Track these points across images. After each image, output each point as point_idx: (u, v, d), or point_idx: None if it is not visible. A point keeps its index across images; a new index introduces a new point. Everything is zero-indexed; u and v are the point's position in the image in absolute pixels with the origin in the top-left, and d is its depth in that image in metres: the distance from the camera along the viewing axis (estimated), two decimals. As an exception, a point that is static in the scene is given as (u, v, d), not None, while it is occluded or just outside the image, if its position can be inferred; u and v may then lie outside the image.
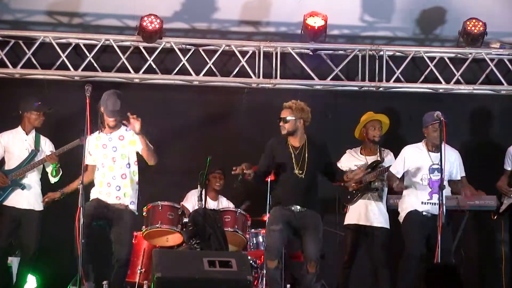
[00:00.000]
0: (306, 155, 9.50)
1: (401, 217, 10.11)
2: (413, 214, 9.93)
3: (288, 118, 9.43)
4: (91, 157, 9.45)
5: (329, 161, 9.78)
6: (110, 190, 9.40)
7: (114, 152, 9.44)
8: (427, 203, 9.90)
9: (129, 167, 9.47)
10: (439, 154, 9.53)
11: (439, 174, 9.54)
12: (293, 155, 9.50)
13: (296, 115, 9.47)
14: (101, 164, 9.44)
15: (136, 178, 9.55)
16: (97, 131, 9.44)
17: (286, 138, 9.52)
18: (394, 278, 10.21)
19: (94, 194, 9.45)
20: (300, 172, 9.45)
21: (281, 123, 9.49)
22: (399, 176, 10.07)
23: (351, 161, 10.57)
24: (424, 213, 9.90)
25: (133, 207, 9.48)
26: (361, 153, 10.61)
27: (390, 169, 10.18)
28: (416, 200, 9.93)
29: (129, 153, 9.47)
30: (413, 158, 10.04)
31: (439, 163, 9.50)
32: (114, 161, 9.42)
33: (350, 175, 9.79)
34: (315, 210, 9.53)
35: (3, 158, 10.30)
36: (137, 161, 9.47)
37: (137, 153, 9.45)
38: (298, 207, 9.46)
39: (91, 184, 9.44)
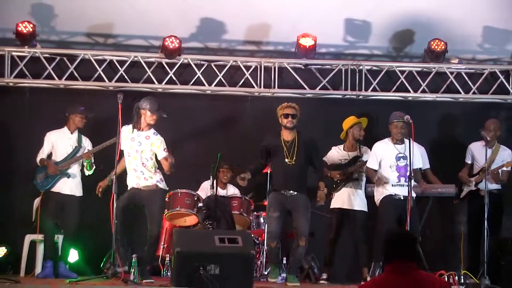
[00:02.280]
0: (296, 147, 9.53)
1: (377, 201, 10.10)
2: (387, 199, 9.94)
3: (294, 114, 9.55)
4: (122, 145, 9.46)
5: (316, 155, 9.81)
6: (139, 175, 9.40)
7: (139, 146, 9.42)
8: (397, 185, 9.92)
9: (147, 161, 9.45)
10: (402, 145, 9.92)
11: (405, 161, 9.82)
12: (285, 147, 9.53)
13: (297, 112, 9.57)
14: (127, 154, 9.43)
15: (155, 166, 9.53)
16: (131, 126, 9.41)
17: (279, 133, 9.61)
18: (371, 253, 10.19)
19: (128, 181, 9.47)
20: (290, 160, 9.50)
21: (289, 118, 9.54)
22: (376, 168, 10.05)
23: (336, 155, 10.60)
24: (396, 197, 9.89)
25: (162, 185, 9.49)
26: (344, 149, 10.61)
27: (368, 165, 10.17)
28: (389, 184, 9.92)
29: (149, 151, 9.45)
30: (382, 150, 10.09)
31: (403, 152, 9.83)
32: (137, 153, 9.42)
33: (332, 174, 10.29)
34: (304, 193, 9.60)
35: (51, 153, 10.30)
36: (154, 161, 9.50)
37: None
38: (290, 191, 9.49)
39: (125, 172, 9.46)
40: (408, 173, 9.68)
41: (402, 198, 9.82)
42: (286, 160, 9.54)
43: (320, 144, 10.28)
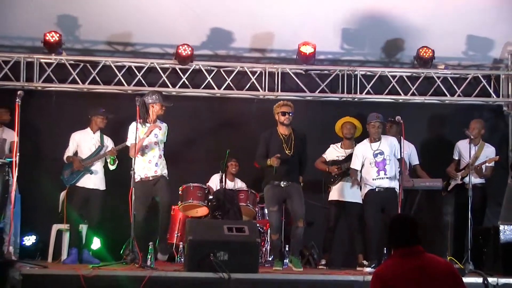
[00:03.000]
0: (293, 141, 9.55)
1: (362, 197, 10.20)
2: (368, 194, 10.04)
3: (290, 111, 9.54)
4: (133, 136, 9.44)
5: (305, 149, 9.80)
6: (151, 167, 9.45)
7: (156, 138, 9.48)
8: (377, 178, 9.99)
9: (163, 150, 9.56)
10: (378, 142, 10.08)
11: (381, 156, 10.01)
12: (283, 141, 9.53)
13: (292, 111, 9.57)
14: (144, 146, 9.44)
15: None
16: (137, 122, 9.44)
17: (276, 129, 9.63)
18: (365, 241, 10.23)
19: (139, 173, 9.45)
20: (289, 152, 9.50)
21: (286, 116, 9.54)
22: (358, 169, 10.17)
23: (334, 153, 10.65)
24: (377, 189, 9.96)
25: (165, 173, 9.59)
26: (341, 147, 10.66)
27: (351, 166, 10.25)
28: (369, 178, 10.02)
29: (163, 140, 9.59)
30: (361, 150, 10.19)
31: (379, 148, 10.03)
32: (155, 144, 9.46)
33: (331, 169, 10.37)
34: (297, 183, 9.65)
35: (76, 151, 10.34)
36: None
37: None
38: (285, 182, 9.49)
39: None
40: (387, 165, 9.93)
41: (382, 189, 9.93)
42: (286, 151, 9.54)
43: (319, 142, 10.36)
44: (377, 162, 10.04)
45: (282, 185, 9.52)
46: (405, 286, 5.11)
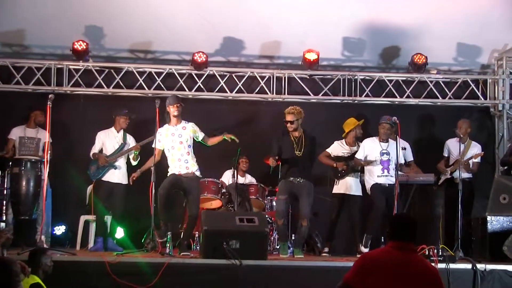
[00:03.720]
0: (303, 142, 9.53)
1: (368, 189, 10.19)
2: (376, 185, 10.03)
3: (293, 120, 9.49)
4: (160, 143, 9.46)
5: (314, 151, 9.81)
6: (181, 164, 9.39)
7: (180, 138, 9.44)
8: (381, 176, 10.02)
9: (190, 147, 9.49)
10: (386, 143, 10.05)
11: (387, 156, 9.98)
12: (294, 142, 9.53)
13: (296, 116, 9.53)
14: (171, 147, 9.40)
15: (194, 155, 9.55)
16: (166, 124, 9.46)
17: (288, 131, 9.61)
18: (364, 231, 10.19)
19: (171, 170, 9.45)
20: (299, 153, 9.49)
21: (288, 125, 9.52)
22: (361, 159, 10.21)
23: (339, 149, 10.60)
24: (381, 184, 10.00)
25: (198, 173, 9.48)
26: (345, 144, 10.61)
27: (356, 156, 10.27)
28: (374, 175, 10.04)
29: (190, 139, 9.49)
30: (369, 146, 10.18)
31: (386, 149, 9.99)
32: (181, 144, 9.44)
33: (338, 164, 10.34)
34: (309, 181, 9.58)
35: (101, 148, 10.38)
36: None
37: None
38: (298, 178, 9.49)
39: (159, 164, 9.48)
40: (390, 166, 9.94)
41: (387, 185, 9.96)
42: (296, 152, 9.56)
43: (322, 139, 10.33)
44: (383, 161, 10.05)
45: (295, 182, 9.54)
46: (383, 274, 5.12)
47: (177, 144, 9.42)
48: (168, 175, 9.39)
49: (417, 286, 5.11)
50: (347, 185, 10.44)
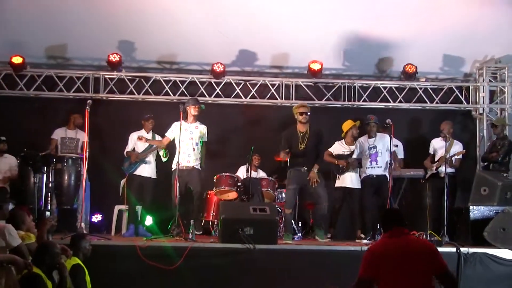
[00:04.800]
0: (308, 137, 9.52)
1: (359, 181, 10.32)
2: (365, 179, 10.26)
3: (307, 112, 9.55)
4: (171, 133, 9.74)
5: (320, 143, 9.78)
6: (185, 157, 9.53)
7: (191, 134, 9.56)
8: (369, 167, 10.19)
9: (197, 145, 9.59)
10: (373, 139, 10.31)
11: (374, 149, 10.17)
12: (300, 137, 9.52)
13: (308, 111, 9.56)
14: (181, 140, 9.45)
15: (199, 151, 9.73)
16: (184, 121, 9.55)
17: (295, 127, 9.59)
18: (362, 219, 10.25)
19: (174, 162, 9.55)
20: (302, 146, 9.48)
21: (304, 115, 9.51)
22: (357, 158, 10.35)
23: (340, 148, 10.58)
24: (370, 176, 10.15)
25: (198, 166, 9.68)
26: (345, 144, 10.58)
27: (353, 155, 10.33)
28: (364, 167, 10.26)
29: (198, 138, 9.64)
30: (360, 144, 10.35)
31: (373, 143, 10.23)
32: (190, 140, 9.53)
33: (339, 162, 10.32)
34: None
35: (133, 148, 10.42)
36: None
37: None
38: (304, 168, 9.47)
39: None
40: (378, 158, 10.10)
41: (375, 176, 10.10)
42: (299, 146, 9.52)
43: (326, 139, 10.30)
44: (371, 155, 10.16)
45: (303, 170, 9.51)
46: (391, 260, 5.21)
47: (187, 139, 9.60)
48: (173, 169, 9.54)
49: (422, 261, 5.19)
50: (348, 180, 10.41)
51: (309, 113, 9.58)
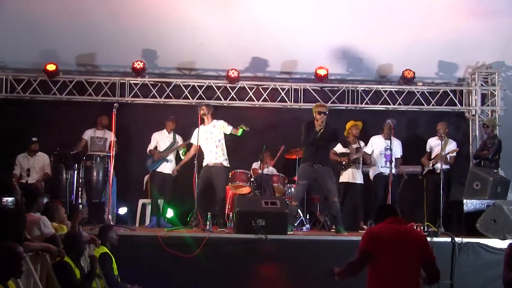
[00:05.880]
0: (324, 132, 9.40)
1: (371, 176, 10.42)
2: (378, 175, 10.29)
3: (326, 112, 9.44)
4: (195, 139, 9.64)
5: (334, 141, 9.79)
6: (212, 155, 9.53)
7: (211, 134, 9.56)
8: (384, 167, 10.15)
9: (220, 141, 9.54)
10: (388, 140, 10.04)
11: (390, 151, 10.01)
12: (316, 134, 9.40)
13: (326, 111, 9.47)
14: (205, 142, 9.52)
15: (224, 147, 9.67)
16: (201, 125, 9.57)
17: (313, 122, 9.43)
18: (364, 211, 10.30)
19: (204, 161, 9.58)
20: (319, 141, 9.37)
21: (321, 115, 9.40)
22: (369, 153, 10.38)
23: (342, 146, 10.56)
24: (383, 174, 10.13)
25: (226, 163, 9.60)
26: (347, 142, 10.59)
27: (365, 150, 10.38)
28: (379, 165, 10.26)
29: (219, 134, 9.62)
30: (376, 143, 10.34)
31: (389, 145, 10.01)
32: (212, 139, 9.52)
33: (342, 159, 10.35)
34: (328, 166, 9.53)
35: (156, 146, 10.43)
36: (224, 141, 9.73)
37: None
38: (318, 164, 9.38)
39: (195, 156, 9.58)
40: (389, 157, 9.97)
41: (386, 174, 9.99)
42: (317, 141, 9.42)
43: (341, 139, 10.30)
44: (386, 155, 10.16)
45: (315, 167, 9.42)
46: (387, 243, 5.21)
47: (209, 139, 9.59)
48: (203, 165, 9.51)
49: (414, 249, 5.21)
50: (351, 175, 10.42)
51: (327, 113, 9.51)
